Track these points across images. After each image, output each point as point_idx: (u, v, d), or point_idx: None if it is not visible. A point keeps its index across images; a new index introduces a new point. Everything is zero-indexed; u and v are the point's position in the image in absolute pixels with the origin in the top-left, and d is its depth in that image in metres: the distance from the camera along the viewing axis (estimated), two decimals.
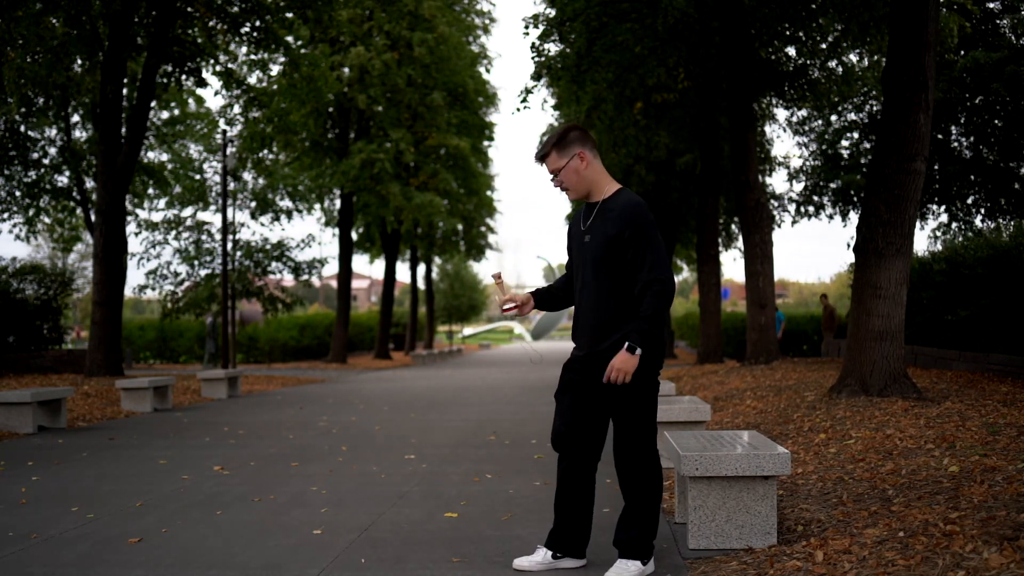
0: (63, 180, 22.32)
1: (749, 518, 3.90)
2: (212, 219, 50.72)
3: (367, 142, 26.08)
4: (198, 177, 26.84)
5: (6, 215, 22.20)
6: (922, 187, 8.13)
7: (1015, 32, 16.74)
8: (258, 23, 16.87)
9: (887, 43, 9.05)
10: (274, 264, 24.57)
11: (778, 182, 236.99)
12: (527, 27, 15.78)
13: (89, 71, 16.99)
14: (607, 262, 3.57)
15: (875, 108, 18.45)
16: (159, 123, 25.28)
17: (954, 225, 18.09)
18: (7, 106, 19.13)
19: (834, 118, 19.90)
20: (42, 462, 6.98)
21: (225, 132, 20.22)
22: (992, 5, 16.96)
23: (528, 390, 14.77)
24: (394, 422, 9.85)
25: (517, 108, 16.83)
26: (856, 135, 19.20)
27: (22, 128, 21.25)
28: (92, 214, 21.39)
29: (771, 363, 14.15)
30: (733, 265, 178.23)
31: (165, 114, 25.83)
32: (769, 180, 54.95)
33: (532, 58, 15.97)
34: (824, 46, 16.55)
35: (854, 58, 17.30)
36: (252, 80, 22.95)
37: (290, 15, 17.83)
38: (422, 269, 39.90)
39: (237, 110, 23.23)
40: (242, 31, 17.30)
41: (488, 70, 32.18)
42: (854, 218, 19.33)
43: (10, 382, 12.93)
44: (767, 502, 3.89)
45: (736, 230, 25.16)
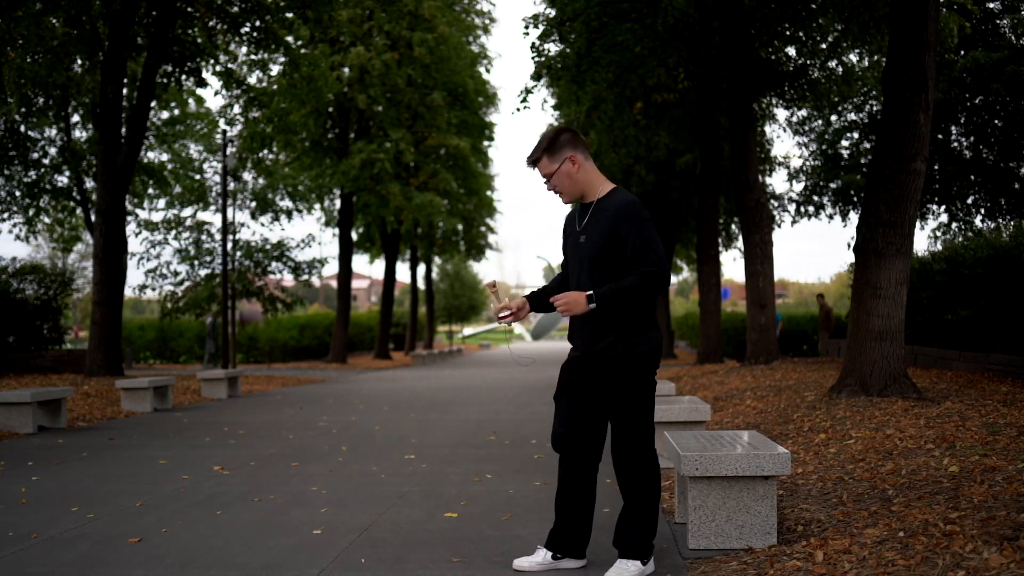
0: (63, 180, 22.34)
1: (749, 518, 3.90)
2: (212, 219, 50.72)
3: (367, 142, 26.08)
4: (198, 177, 26.89)
5: (6, 215, 22.22)
6: (922, 187, 8.13)
7: (1015, 32, 16.74)
8: (258, 23, 16.88)
9: (887, 43, 9.05)
10: (274, 264, 24.57)
11: (778, 182, 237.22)
12: (527, 27, 15.78)
13: (89, 71, 16.99)
14: (603, 262, 3.57)
15: (875, 108, 18.44)
16: (159, 123, 25.30)
17: (954, 225, 18.08)
18: (7, 106, 19.13)
19: (834, 118, 19.89)
20: (42, 462, 6.97)
21: (225, 132, 20.22)
22: (992, 5, 16.96)
23: (528, 390, 14.77)
24: (394, 422, 9.85)
25: (517, 108, 16.83)
26: (856, 135, 19.19)
27: (22, 128, 21.26)
28: (92, 214, 21.40)
29: (771, 363, 14.15)
30: (733, 265, 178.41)
31: (165, 114, 25.85)
32: (769, 180, 54.95)
33: (532, 58, 15.97)
34: (824, 46, 16.55)
35: (854, 58, 17.30)
36: (252, 80, 22.96)
37: (290, 15, 17.85)
38: (422, 269, 39.94)
39: (237, 110, 23.23)
40: (242, 31, 17.31)
41: (488, 70, 32.18)
42: (854, 218, 19.33)
43: (10, 382, 12.93)
44: (767, 502, 3.89)
45: (736, 230, 25.15)
